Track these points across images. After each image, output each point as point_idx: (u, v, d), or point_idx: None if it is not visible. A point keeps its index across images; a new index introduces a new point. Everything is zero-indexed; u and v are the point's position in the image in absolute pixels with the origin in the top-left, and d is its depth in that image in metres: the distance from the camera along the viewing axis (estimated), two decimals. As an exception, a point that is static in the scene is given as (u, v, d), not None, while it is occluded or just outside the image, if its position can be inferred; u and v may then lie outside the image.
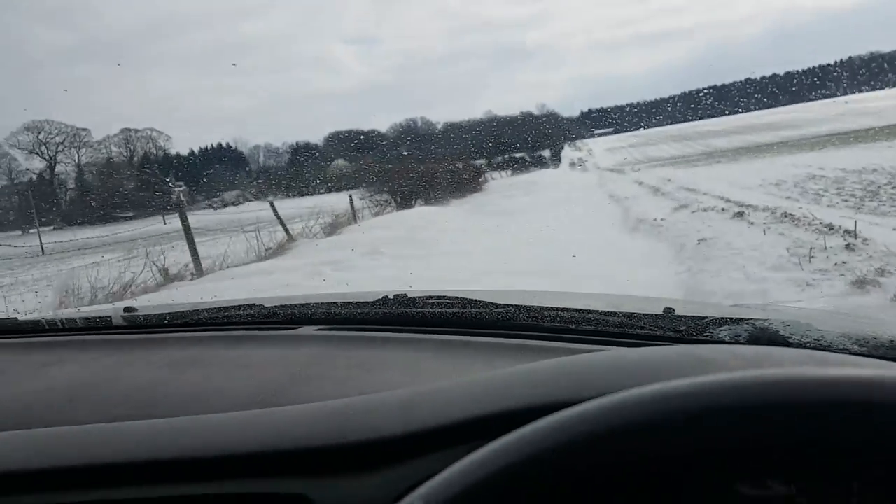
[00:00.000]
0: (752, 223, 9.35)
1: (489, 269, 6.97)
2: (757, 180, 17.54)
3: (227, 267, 9.72)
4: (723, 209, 11.44)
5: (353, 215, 15.81)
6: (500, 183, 33.82)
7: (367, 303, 1.49)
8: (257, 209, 15.90)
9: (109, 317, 1.65)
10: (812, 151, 27.45)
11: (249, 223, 13.75)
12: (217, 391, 1.07)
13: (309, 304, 1.59)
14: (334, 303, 1.55)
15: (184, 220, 9.60)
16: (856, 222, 7.40)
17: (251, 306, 1.59)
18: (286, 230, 12.91)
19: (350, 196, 16.49)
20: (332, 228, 14.12)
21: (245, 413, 0.89)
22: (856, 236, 7.19)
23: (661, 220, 11.43)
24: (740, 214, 10.26)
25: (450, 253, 8.59)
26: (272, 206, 13.21)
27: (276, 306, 1.56)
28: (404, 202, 18.92)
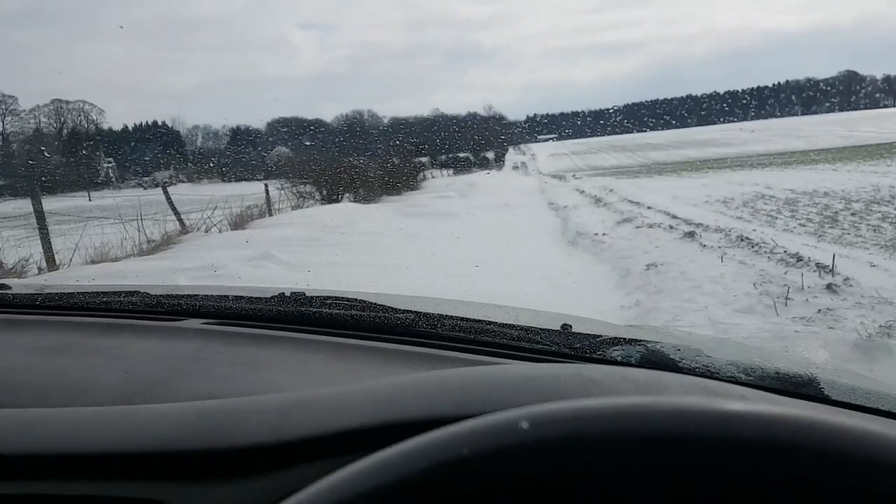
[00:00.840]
0: (704, 246, 8.23)
1: (394, 289, 5.59)
2: (702, 196, 16.64)
3: (90, 262, 8.10)
4: (670, 226, 10.33)
5: (268, 207, 14.20)
6: (438, 182, 32.44)
7: (260, 298, 1.40)
8: (189, 192, 14.92)
9: None
10: (754, 170, 27.00)
11: (163, 206, 12.16)
12: (84, 382, 1.00)
13: (197, 295, 1.48)
14: (225, 296, 1.47)
15: (36, 206, 7.84)
16: (834, 257, 6.29)
17: (134, 293, 1.48)
18: (180, 221, 11.28)
19: (266, 186, 14.83)
20: (240, 220, 12.52)
21: (107, 409, 0.84)
22: (833, 273, 6.07)
23: (603, 234, 10.26)
24: (691, 235, 9.14)
25: (350, 265, 7.18)
26: (165, 191, 11.54)
27: (161, 295, 1.46)
28: (330, 196, 17.34)
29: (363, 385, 0.83)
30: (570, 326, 1.24)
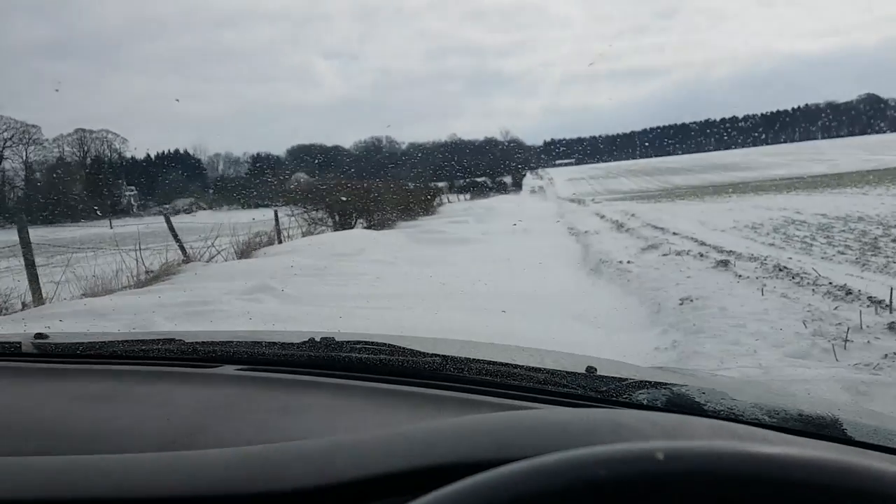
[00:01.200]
0: (740, 276, 7.58)
1: (403, 328, 5.00)
2: (729, 221, 15.94)
3: (82, 295, 7.58)
4: (700, 254, 9.68)
5: (278, 234, 13.68)
6: (455, 207, 31.91)
7: (292, 344, 1.45)
8: (207, 219, 14.71)
9: (19, 343, 1.54)
10: (780, 194, 26.23)
11: (182, 233, 11.76)
12: (127, 429, 1.03)
13: (231, 342, 1.54)
14: (258, 342, 1.51)
15: (22, 235, 7.34)
16: (892, 291, 5.62)
17: (170, 341, 1.53)
18: (182, 250, 10.77)
19: (276, 212, 14.33)
20: (246, 249, 12.01)
21: (151, 455, 0.87)
22: (892, 309, 5.41)
23: (628, 262, 9.62)
24: (724, 264, 8.48)
25: (352, 298, 6.60)
26: (167, 219, 11.06)
27: (196, 342, 1.50)
28: (343, 222, 16.83)
29: (401, 430, 0.85)
30: (595, 369, 1.25)
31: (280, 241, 13.41)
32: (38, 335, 1.64)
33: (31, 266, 7.26)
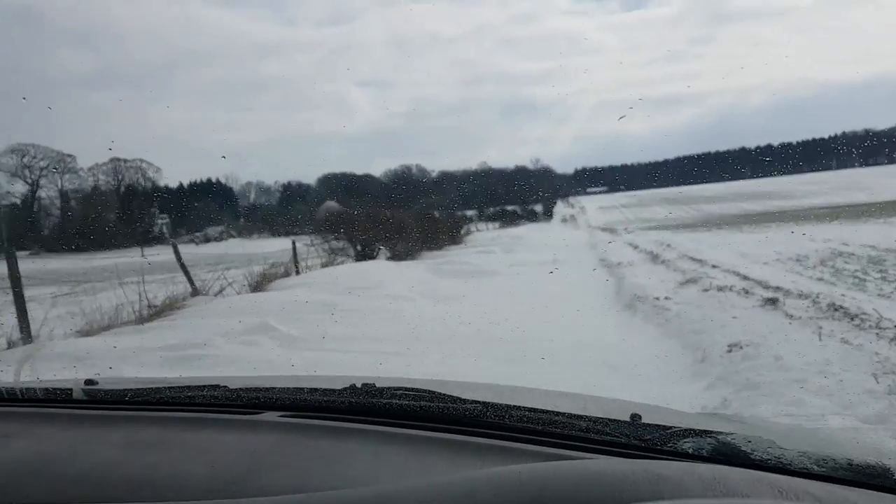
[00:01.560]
0: (791, 317, 6.83)
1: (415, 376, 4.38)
2: (771, 253, 15.06)
3: (76, 333, 7.06)
4: (745, 290, 8.91)
5: (295, 265, 13.17)
6: (483, 236, 31.28)
7: (333, 390, 1.47)
8: (233, 248, 14.51)
9: (70, 389, 1.57)
10: (821, 223, 25.17)
11: (207, 262, 11.89)
12: (173, 477, 1.05)
13: (274, 388, 1.54)
14: (300, 388, 1.52)
15: (10, 264, 6.84)
16: (980, 339, 4.85)
17: (215, 387, 1.55)
18: (191, 282, 10.27)
19: (293, 242, 13.84)
20: (262, 280, 11.50)
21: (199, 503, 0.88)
22: (981, 362, 4.64)
23: (666, 298, 8.89)
24: (772, 302, 7.72)
25: (359, 340, 5.98)
26: (175, 248, 10.58)
27: (240, 388, 1.52)
28: (365, 252, 16.30)
29: (442, 479, 0.86)
30: (640, 417, 1.21)
31: (297, 273, 12.89)
32: (88, 381, 1.66)
33: (20, 301, 6.77)
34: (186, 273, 10.27)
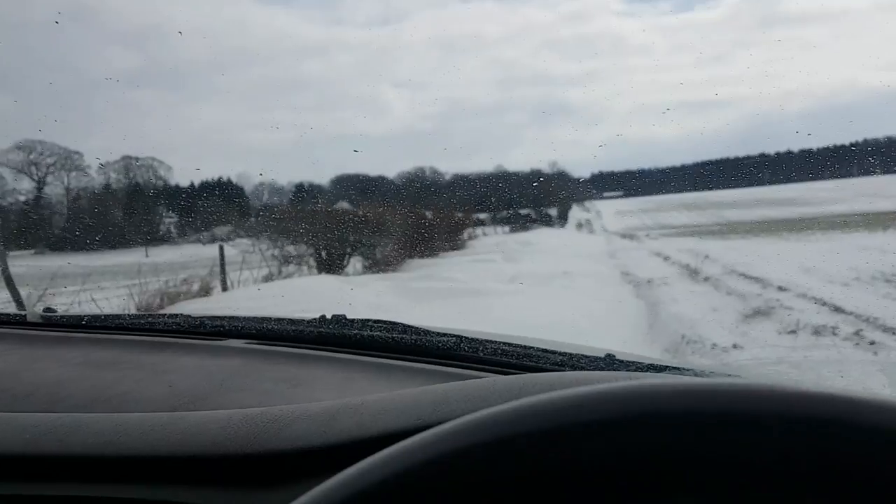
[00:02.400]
0: None
1: None
2: (842, 270, 11.76)
3: None
4: (856, 334, 5.72)
5: (223, 280, 10.07)
6: (488, 241, 28.02)
7: (302, 320, 1.43)
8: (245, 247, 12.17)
9: (24, 314, 1.58)
10: (876, 232, 21.84)
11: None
12: (127, 394, 1.02)
13: (240, 317, 1.50)
14: (267, 318, 1.47)
15: None
16: None
17: (176, 315, 1.52)
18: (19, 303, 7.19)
19: (221, 248, 10.76)
20: (161, 301, 8.40)
21: (150, 415, 0.85)
22: None
23: (735, 348, 5.70)
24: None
25: None
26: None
27: (204, 316, 1.50)
28: (332, 260, 13.17)
29: (409, 391, 0.81)
30: (614, 355, 1.20)
31: (225, 289, 9.78)
32: (47, 309, 1.62)
33: None
34: (14, 291, 7.18)
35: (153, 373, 1.11)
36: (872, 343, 5.38)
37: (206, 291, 9.28)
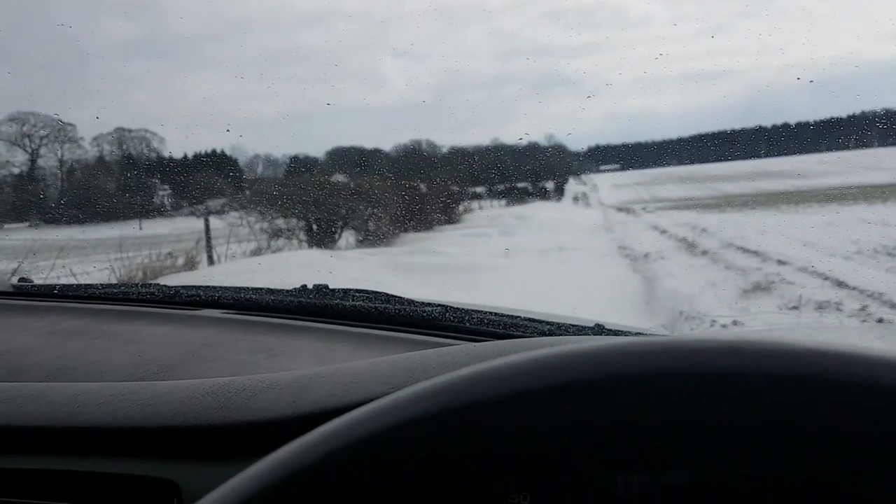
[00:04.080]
0: None
1: None
2: (844, 242, 11.53)
3: None
4: (862, 309, 5.51)
5: (208, 253, 9.85)
6: (484, 215, 27.81)
7: (282, 290, 1.37)
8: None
9: None
10: (875, 204, 21.60)
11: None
12: (96, 363, 0.98)
13: (216, 286, 1.43)
14: (245, 287, 1.41)
15: None
16: None
17: (150, 285, 1.46)
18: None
19: (206, 220, 10.53)
20: (144, 273, 8.17)
21: (111, 384, 0.81)
22: None
23: (734, 324, 5.49)
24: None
25: None
26: None
27: (179, 286, 1.42)
28: (324, 234, 12.94)
29: (384, 358, 0.78)
30: (604, 325, 1.19)
31: (211, 262, 9.56)
32: (22, 279, 1.60)
33: None
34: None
35: (122, 342, 1.09)
36: (880, 321, 5.17)
37: (191, 265, 9.05)
